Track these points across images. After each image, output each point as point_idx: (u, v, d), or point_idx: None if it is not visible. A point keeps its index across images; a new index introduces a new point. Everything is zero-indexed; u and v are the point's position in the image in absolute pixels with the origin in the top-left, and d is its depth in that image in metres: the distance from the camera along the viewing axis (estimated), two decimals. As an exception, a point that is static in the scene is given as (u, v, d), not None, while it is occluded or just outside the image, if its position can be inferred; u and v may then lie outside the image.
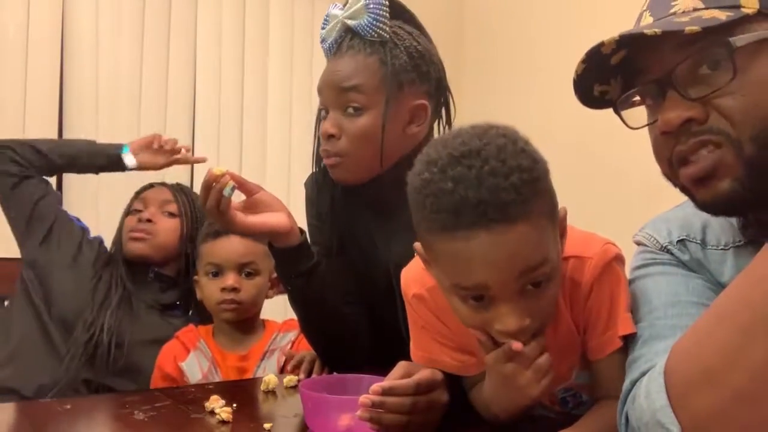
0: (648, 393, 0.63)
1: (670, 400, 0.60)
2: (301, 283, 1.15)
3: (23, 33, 2.30)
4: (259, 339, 1.39)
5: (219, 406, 0.91)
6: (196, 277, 1.49)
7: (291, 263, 1.14)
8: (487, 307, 0.71)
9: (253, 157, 2.73)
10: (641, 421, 0.64)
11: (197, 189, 1.83)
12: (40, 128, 2.33)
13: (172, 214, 1.65)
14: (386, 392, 0.77)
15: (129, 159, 1.69)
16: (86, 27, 2.42)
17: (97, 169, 1.73)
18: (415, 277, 0.88)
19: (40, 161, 1.63)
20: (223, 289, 1.37)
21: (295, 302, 1.19)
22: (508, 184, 0.67)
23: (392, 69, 1.13)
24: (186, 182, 2.29)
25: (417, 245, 0.77)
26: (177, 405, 0.99)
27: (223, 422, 0.88)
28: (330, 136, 1.14)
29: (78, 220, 1.76)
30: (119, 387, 1.47)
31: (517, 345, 0.71)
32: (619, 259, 0.82)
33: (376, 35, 1.14)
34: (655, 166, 0.76)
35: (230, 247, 1.38)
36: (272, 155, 2.78)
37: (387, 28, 1.15)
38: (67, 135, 2.42)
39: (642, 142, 0.77)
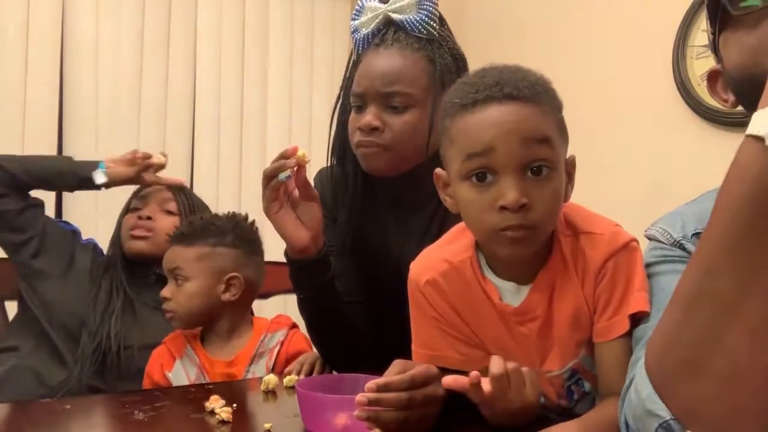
0: (636, 386, 0.64)
1: (656, 390, 0.61)
2: (313, 294, 1.16)
3: (23, 33, 2.30)
4: (246, 342, 1.36)
5: (219, 406, 0.91)
6: None
7: (305, 275, 1.15)
8: (490, 186, 0.77)
9: (254, 158, 2.74)
10: (635, 416, 0.64)
11: (198, 190, 1.84)
12: (39, 131, 2.33)
13: (171, 213, 1.64)
14: (381, 389, 0.77)
15: (99, 177, 1.60)
16: (86, 28, 2.43)
17: (69, 189, 1.70)
18: (427, 263, 0.90)
19: (6, 179, 1.54)
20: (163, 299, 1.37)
21: (304, 309, 1.19)
22: (526, 81, 0.79)
23: (439, 68, 1.13)
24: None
25: (438, 170, 0.86)
26: (177, 405, 0.99)
27: (223, 422, 0.88)
28: (374, 129, 1.12)
29: (66, 223, 1.73)
30: None
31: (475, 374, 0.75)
32: (635, 241, 0.84)
33: (425, 32, 1.13)
34: (656, 167, 0.75)
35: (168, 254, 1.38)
36: (272, 156, 2.78)
37: (437, 26, 1.14)
38: (67, 136, 2.42)
39: (643, 142, 0.77)
